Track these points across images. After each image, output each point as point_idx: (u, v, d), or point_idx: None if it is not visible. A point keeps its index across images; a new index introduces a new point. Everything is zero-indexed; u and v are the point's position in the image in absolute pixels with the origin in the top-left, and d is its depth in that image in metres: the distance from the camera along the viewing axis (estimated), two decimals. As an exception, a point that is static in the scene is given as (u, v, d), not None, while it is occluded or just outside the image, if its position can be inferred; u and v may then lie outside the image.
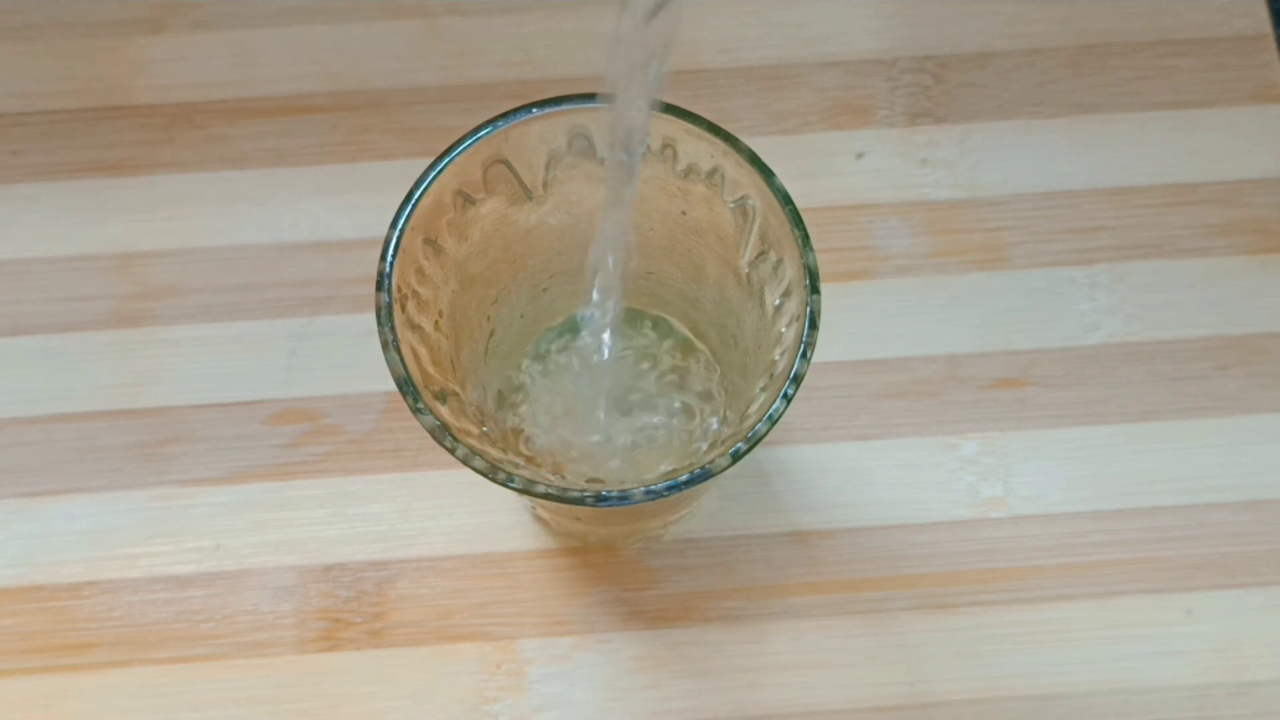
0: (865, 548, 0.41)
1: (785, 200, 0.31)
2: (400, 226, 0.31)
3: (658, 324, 0.38)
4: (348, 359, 0.43)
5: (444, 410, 0.31)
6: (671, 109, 0.32)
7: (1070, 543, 0.41)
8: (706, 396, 0.37)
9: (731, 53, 0.46)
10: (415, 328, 0.32)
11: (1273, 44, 0.46)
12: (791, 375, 0.30)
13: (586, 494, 0.30)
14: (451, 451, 0.30)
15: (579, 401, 0.35)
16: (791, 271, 0.32)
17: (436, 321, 0.34)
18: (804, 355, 0.30)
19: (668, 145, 0.33)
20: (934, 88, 0.46)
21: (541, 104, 0.32)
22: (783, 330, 0.32)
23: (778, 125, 0.45)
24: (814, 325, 0.30)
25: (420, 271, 0.33)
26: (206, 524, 0.42)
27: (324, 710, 0.40)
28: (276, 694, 0.40)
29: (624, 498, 0.30)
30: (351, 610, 0.41)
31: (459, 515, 0.42)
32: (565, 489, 0.30)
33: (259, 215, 0.44)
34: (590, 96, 0.32)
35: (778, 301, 0.33)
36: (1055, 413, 0.43)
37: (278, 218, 0.44)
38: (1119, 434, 0.42)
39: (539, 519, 0.42)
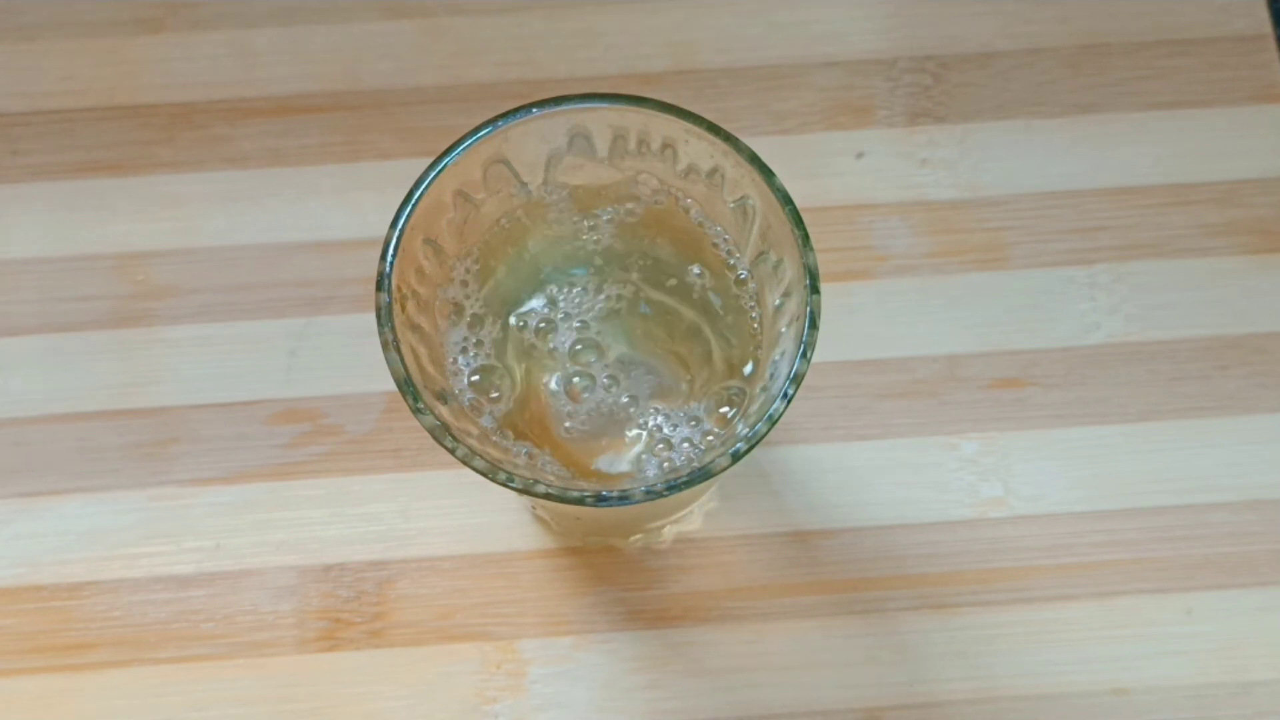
0: (865, 548, 0.41)
1: (785, 200, 0.31)
2: (400, 226, 0.31)
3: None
4: (348, 359, 0.43)
5: (444, 410, 0.31)
6: (671, 109, 0.32)
7: (1070, 543, 0.41)
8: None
9: (731, 53, 0.46)
10: (415, 328, 0.32)
11: (1273, 44, 0.46)
12: (791, 375, 0.30)
13: (586, 494, 0.30)
14: (451, 451, 0.30)
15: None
16: (791, 271, 0.32)
17: (437, 321, 0.34)
18: (804, 355, 0.30)
19: (668, 145, 0.33)
20: (934, 88, 0.46)
21: (541, 104, 0.32)
22: (783, 330, 0.32)
23: (778, 125, 0.45)
24: (814, 325, 0.30)
25: (420, 271, 0.33)
26: (206, 524, 0.42)
27: (324, 710, 0.40)
28: (276, 694, 0.40)
29: (624, 498, 0.30)
30: (351, 610, 0.41)
31: (459, 515, 0.42)
32: (565, 489, 0.30)
33: (259, 215, 0.44)
34: (590, 96, 0.32)
35: (778, 301, 0.33)
36: (1055, 413, 0.43)
37: (278, 218, 0.44)
38: (1119, 434, 0.42)
39: (539, 519, 0.42)
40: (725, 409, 0.34)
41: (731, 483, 0.42)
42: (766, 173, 0.32)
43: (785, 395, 0.30)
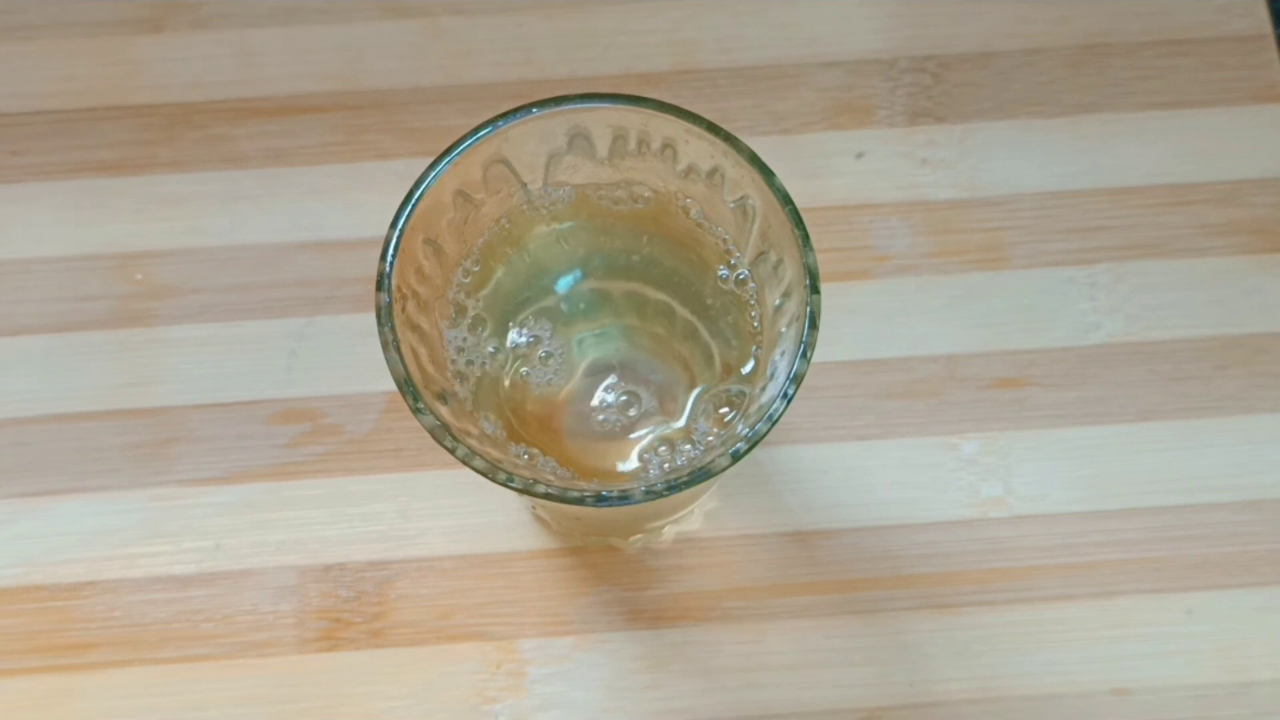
0: (865, 548, 0.41)
1: (785, 200, 0.31)
2: (400, 226, 0.31)
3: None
4: (348, 359, 0.43)
5: (444, 410, 0.31)
6: (671, 109, 0.32)
7: (1070, 543, 0.41)
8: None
9: (731, 53, 0.46)
10: (415, 328, 0.32)
11: (1273, 44, 0.46)
12: (791, 375, 0.30)
13: (586, 494, 0.30)
14: (451, 451, 0.30)
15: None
16: (791, 271, 0.32)
17: (437, 321, 0.34)
18: (804, 355, 0.30)
19: (668, 145, 0.33)
20: (934, 88, 0.46)
21: (541, 104, 0.32)
22: (783, 330, 0.32)
23: (778, 125, 0.45)
24: (814, 325, 0.30)
25: (420, 271, 0.33)
26: (206, 524, 0.42)
27: (324, 710, 0.40)
28: (276, 694, 0.40)
29: (624, 498, 0.30)
30: (351, 610, 0.41)
31: (459, 515, 0.42)
32: (565, 489, 0.30)
33: (259, 215, 0.44)
34: (590, 96, 0.32)
35: (778, 301, 0.33)
36: (1055, 413, 0.43)
37: (278, 218, 0.44)
38: (1119, 434, 0.42)
39: (539, 519, 0.42)
40: (725, 409, 0.34)
41: (731, 483, 0.42)
42: (766, 173, 0.32)
43: (785, 395, 0.30)
